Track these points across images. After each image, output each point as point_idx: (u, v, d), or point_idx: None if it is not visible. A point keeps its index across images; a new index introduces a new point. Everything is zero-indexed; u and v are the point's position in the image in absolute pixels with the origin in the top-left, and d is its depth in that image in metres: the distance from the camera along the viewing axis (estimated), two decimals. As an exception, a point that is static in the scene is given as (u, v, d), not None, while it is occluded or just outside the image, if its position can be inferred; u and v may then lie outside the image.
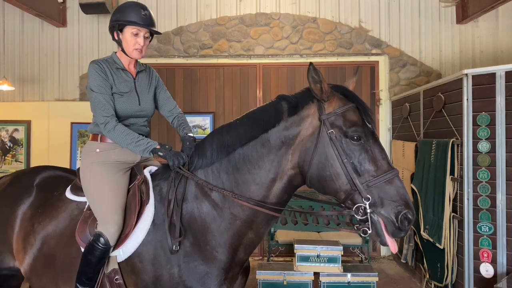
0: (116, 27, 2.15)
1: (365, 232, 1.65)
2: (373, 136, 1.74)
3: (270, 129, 1.83)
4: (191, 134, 2.24)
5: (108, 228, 1.94)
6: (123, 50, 2.19)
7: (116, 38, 2.18)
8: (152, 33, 2.23)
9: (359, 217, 1.65)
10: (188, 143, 2.13)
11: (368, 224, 1.64)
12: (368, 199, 1.62)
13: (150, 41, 2.25)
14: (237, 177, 1.87)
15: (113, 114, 2.10)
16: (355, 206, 1.65)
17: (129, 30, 2.13)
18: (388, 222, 1.62)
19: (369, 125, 1.74)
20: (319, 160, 1.72)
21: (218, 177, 1.91)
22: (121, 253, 1.96)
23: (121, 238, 1.96)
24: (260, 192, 1.85)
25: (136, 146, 2.04)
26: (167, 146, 2.04)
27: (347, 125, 1.71)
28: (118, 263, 1.97)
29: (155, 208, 1.99)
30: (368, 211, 1.62)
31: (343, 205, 1.74)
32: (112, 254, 1.97)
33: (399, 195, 1.63)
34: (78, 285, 1.96)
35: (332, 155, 1.70)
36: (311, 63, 1.73)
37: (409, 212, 1.61)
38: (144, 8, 2.16)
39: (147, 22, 2.14)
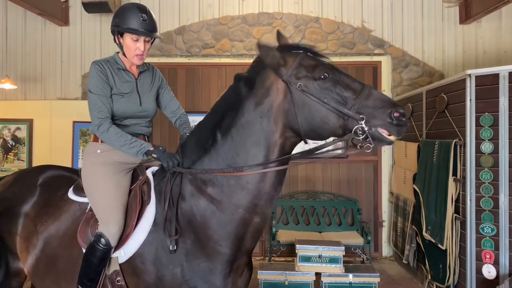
0: (116, 32, 2.13)
1: (368, 148, 1.68)
2: (334, 68, 1.78)
3: (242, 111, 1.83)
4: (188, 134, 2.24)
5: (109, 228, 1.94)
6: (124, 55, 2.17)
7: (117, 42, 2.16)
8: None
9: (360, 138, 1.68)
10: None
11: (369, 140, 1.66)
12: (362, 119, 1.65)
13: (152, 43, 2.20)
14: (232, 164, 1.86)
15: (108, 116, 2.08)
16: (353, 129, 1.67)
17: (128, 36, 2.10)
18: (387, 126, 1.66)
19: (326, 61, 1.79)
20: (304, 114, 1.74)
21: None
22: (122, 254, 1.95)
23: (122, 238, 1.96)
24: (256, 168, 1.83)
25: (129, 148, 2.03)
26: (160, 148, 2.03)
27: (309, 71, 1.75)
28: (120, 264, 1.96)
29: (156, 208, 1.98)
30: (366, 128, 1.65)
31: (344, 136, 1.75)
32: (114, 255, 1.96)
33: (382, 101, 1.68)
34: (79, 286, 1.96)
35: (312, 103, 1.72)
36: (257, 43, 1.77)
37: (398, 108, 1.66)
38: (143, 10, 2.09)
39: (147, 28, 2.08)
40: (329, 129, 1.74)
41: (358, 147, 1.71)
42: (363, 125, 1.65)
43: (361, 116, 1.65)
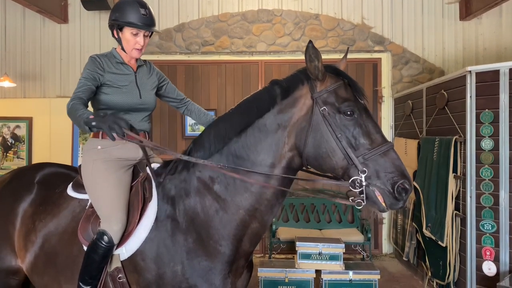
0: (115, 26, 2.13)
1: (359, 204, 1.66)
2: (366, 111, 1.76)
3: (265, 114, 1.84)
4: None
5: (112, 226, 1.93)
6: (123, 49, 2.17)
7: (116, 36, 2.17)
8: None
9: (355, 190, 1.66)
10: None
11: (363, 196, 1.64)
12: (364, 172, 1.63)
13: (150, 37, 2.22)
14: (238, 165, 1.87)
15: (81, 98, 1.93)
16: (351, 179, 1.65)
17: (128, 30, 2.11)
18: (385, 194, 1.63)
19: (361, 101, 1.76)
20: (315, 138, 1.74)
21: None
22: (124, 251, 1.95)
23: (124, 236, 1.95)
24: (261, 177, 1.85)
25: (79, 122, 1.82)
26: (101, 113, 1.78)
27: (339, 101, 1.73)
28: (121, 261, 1.96)
29: (158, 205, 1.98)
30: (364, 183, 1.63)
31: (340, 181, 1.75)
32: (115, 252, 1.96)
33: (394, 166, 1.64)
34: (81, 284, 1.95)
35: (326, 131, 1.72)
36: (310, 41, 1.74)
37: (406, 182, 1.62)
38: (143, 5, 2.11)
39: (147, 22, 2.11)
40: (330, 165, 1.73)
41: (350, 200, 1.69)
42: (362, 179, 1.63)
43: (364, 169, 1.62)
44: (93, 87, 2.05)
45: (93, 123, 1.74)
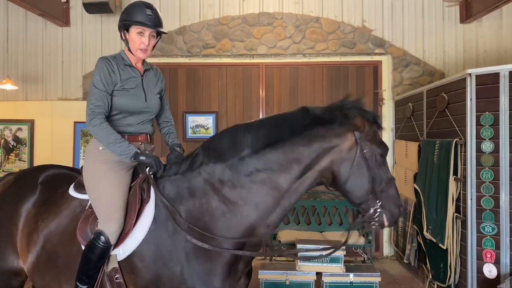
0: (123, 27, 2.19)
1: (374, 225, 1.97)
2: None
3: (303, 132, 1.92)
4: (179, 142, 2.42)
5: (109, 226, 1.94)
6: (129, 50, 2.21)
7: (124, 38, 2.22)
8: (160, 33, 2.24)
9: (373, 217, 1.95)
10: (178, 148, 2.31)
11: (378, 220, 1.95)
12: (379, 202, 1.93)
13: (158, 41, 2.26)
14: (262, 169, 1.92)
15: (103, 112, 2.10)
16: (372, 209, 1.94)
17: (134, 30, 2.16)
18: (390, 217, 1.96)
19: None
20: (354, 174, 1.92)
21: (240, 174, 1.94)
22: (121, 252, 1.96)
23: (121, 236, 1.96)
24: (285, 185, 1.95)
25: (118, 147, 2.05)
26: (147, 152, 2.09)
27: (377, 145, 1.96)
28: (118, 262, 1.97)
29: (156, 206, 1.99)
30: (378, 211, 1.93)
31: (356, 207, 2.02)
32: (112, 252, 1.97)
33: (397, 196, 2.00)
34: (77, 283, 1.96)
35: (364, 170, 1.91)
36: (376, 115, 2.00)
37: (403, 208, 2.04)
38: (150, 7, 2.18)
39: (153, 22, 2.16)
40: (357, 194, 1.94)
41: (365, 224, 1.98)
42: (378, 208, 1.92)
43: (379, 200, 1.93)
44: (109, 95, 2.12)
45: (142, 158, 2.06)
